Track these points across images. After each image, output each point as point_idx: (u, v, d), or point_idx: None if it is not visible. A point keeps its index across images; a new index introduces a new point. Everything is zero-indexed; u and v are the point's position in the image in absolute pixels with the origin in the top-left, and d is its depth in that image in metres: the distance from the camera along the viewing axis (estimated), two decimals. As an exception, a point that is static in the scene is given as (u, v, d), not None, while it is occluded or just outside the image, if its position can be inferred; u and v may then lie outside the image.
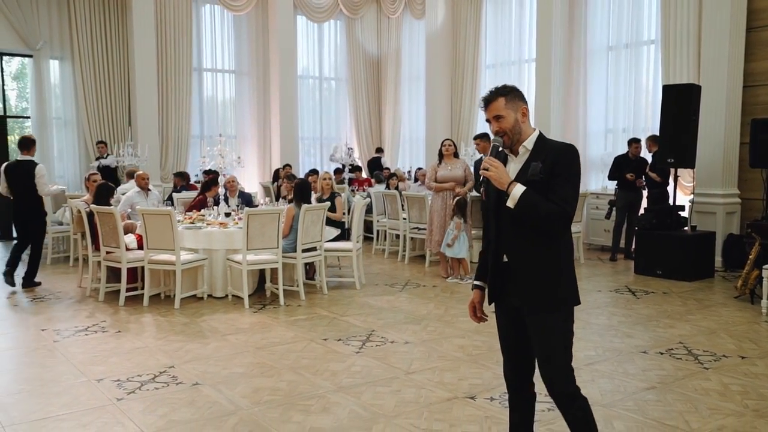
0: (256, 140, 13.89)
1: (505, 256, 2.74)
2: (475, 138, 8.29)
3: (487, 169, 2.62)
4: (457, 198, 7.75)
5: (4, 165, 7.91)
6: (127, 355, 5.08)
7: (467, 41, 12.75)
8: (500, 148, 2.71)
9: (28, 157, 7.73)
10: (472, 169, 8.21)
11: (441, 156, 8.00)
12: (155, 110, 12.17)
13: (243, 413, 3.94)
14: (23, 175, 7.58)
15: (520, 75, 12.07)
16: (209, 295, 7.03)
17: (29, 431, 3.68)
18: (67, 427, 3.74)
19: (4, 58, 11.72)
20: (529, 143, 2.71)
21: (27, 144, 7.76)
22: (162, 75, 12.31)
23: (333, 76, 15.12)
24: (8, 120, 12.05)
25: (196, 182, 10.51)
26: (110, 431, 3.70)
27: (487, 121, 2.75)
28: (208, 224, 7.25)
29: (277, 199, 9.56)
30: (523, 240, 2.68)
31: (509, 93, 2.71)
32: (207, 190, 8.50)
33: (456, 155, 8.07)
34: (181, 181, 10.08)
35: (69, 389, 4.33)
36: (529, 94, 11.74)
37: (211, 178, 8.66)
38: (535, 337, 2.71)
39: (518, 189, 2.59)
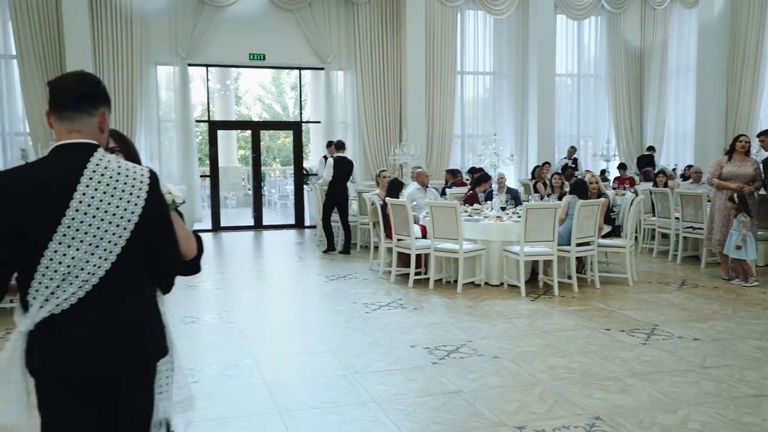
0: (513, 139, 14.28)
1: None
2: (759, 135, 7.75)
3: None
4: (738, 192, 7.30)
5: (332, 158, 10.18)
6: (428, 328, 5.81)
7: (749, 27, 11.80)
8: None
9: (343, 155, 10.09)
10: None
11: (731, 152, 7.61)
12: (423, 112, 13.22)
13: (545, 385, 4.36)
14: (346, 168, 9.96)
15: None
16: (485, 283, 7.59)
17: (372, 380, 4.49)
18: (399, 380, 4.49)
19: (289, 71, 13.64)
20: None
21: (343, 145, 10.41)
22: (429, 79, 13.32)
23: (591, 73, 14.94)
24: (302, 125, 14.03)
25: (465, 179, 11.23)
26: (433, 386, 4.36)
27: None
28: (485, 217, 7.83)
29: (541, 198, 9.83)
30: None
31: None
32: (477, 186, 9.14)
33: (747, 153, 7.63)
34: (452, 177, 10.88)
35: (391, 351, 5.14)
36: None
37: (482, 174, 9.27)
38: None
39: None
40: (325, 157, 12.07)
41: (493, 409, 3.96)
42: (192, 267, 2.35)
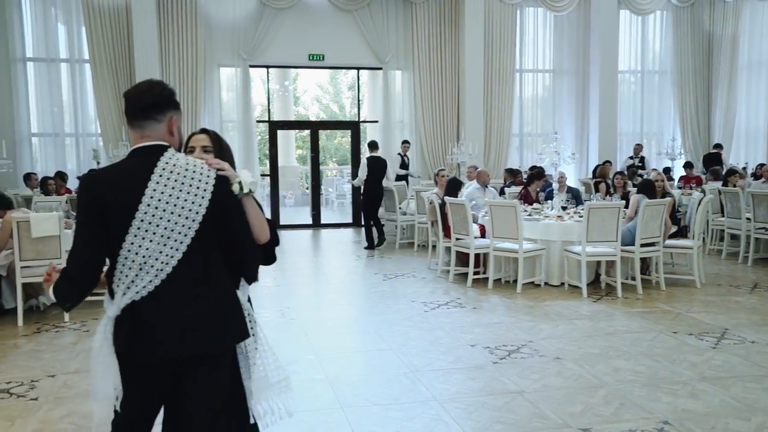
0: (573, 137, 14.01)
1: None
2: None
3: None
4: None
5: (366, 157, 10.48)
6: (488, 327, 5.77)
7: (827, 19, 11.21)
8: None
9: (378, 154, 10.43)
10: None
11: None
12: (481, 111, 13.11)
13: (609, 387, 4.27)
14: (381, 167, 10.33)
15: None
16: (545, 283, 7.47)
17: (433, 378, 4.50)
18: (459, 379, 4.48)
19: (346, 71, 13.75)
20: None
21: (376, 145, 10.74)
22: (487, 78, 13.20)
23: (656, 69, 14.50)
24: (360, 124, 14.14)
25: (523, 179, 11.08)
26: (494, 386, 4.33)
27: None
28: (545, 217, 7.72)
29: (603, 198, 9.61)
30: None
31: None
32: (530, 184, 9.02)
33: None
34: (511, 177, 10.76)
35: (451, 350, 5.13)
36: None
37: (535, 171, 9.14)
38: None
39: None
40: (400, 155, 12.26)
41: (557, 411, 3.90)
42: (267, 256, 2.47)
